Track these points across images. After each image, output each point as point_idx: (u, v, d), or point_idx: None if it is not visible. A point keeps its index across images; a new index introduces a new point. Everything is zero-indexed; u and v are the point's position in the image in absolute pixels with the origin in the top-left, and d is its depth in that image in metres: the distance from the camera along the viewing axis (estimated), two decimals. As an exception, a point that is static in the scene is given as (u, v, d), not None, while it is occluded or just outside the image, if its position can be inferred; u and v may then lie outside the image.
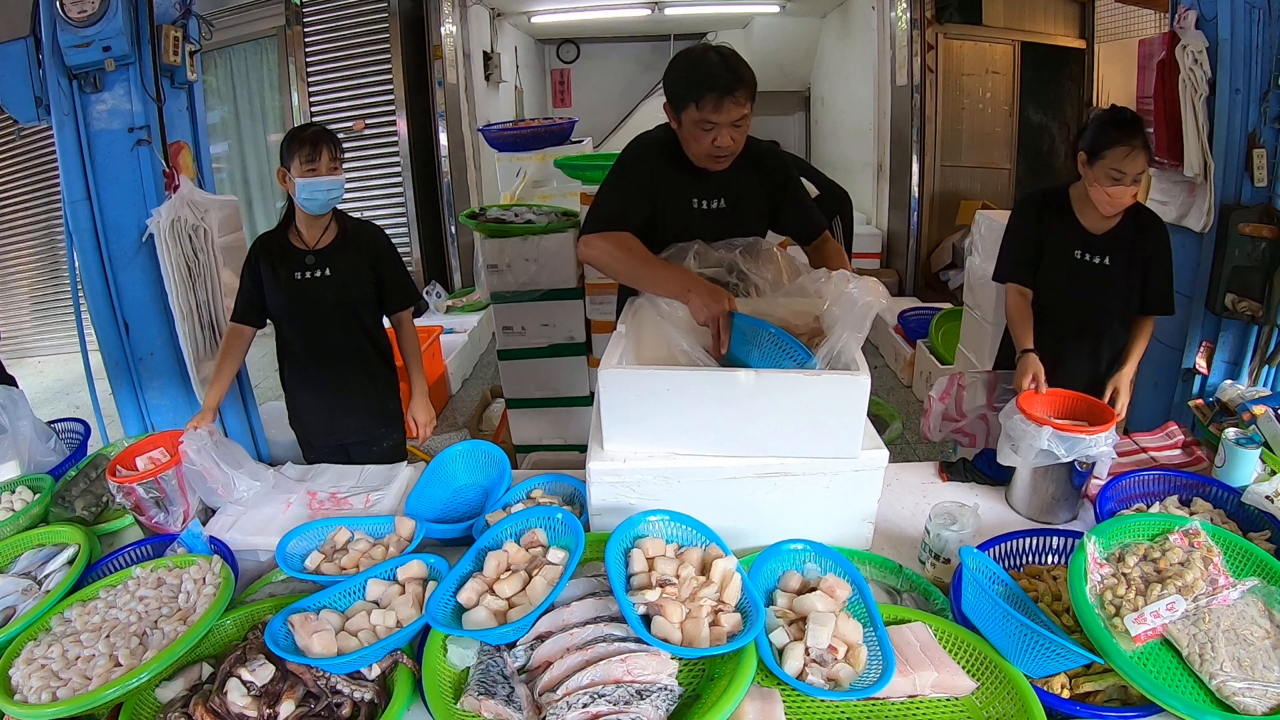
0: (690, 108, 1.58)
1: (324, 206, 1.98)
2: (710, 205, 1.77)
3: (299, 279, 2.01)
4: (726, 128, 1.59)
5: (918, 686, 1.08)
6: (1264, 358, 2.14)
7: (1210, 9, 2.09)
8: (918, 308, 4.79)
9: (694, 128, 1.60)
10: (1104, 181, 1.81)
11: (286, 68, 5.29)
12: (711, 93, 1.54)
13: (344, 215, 2.09)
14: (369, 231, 2.11)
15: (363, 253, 2.06)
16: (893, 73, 5.45)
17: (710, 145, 1.61)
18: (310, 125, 2.01)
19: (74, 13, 2.14)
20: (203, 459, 1.58)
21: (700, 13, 7.25)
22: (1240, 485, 1.49)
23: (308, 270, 2.01)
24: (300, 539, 1.49)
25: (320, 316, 2.05)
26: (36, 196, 5.52)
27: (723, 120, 1.57)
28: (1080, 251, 1.97)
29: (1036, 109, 5.58)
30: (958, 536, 1.32)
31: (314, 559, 1.42)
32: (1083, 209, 1.98)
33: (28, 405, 1.90)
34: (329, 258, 2.03)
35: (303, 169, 1.92)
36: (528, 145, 4.07)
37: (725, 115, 1.57)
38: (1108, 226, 1.97)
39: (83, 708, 1.07)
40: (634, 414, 1.36)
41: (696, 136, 1.61)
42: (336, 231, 2.05)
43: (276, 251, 2.02)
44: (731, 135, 1.60)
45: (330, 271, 2.02)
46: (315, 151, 1.92)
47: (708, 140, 1.60)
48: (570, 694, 1.02)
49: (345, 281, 2.03)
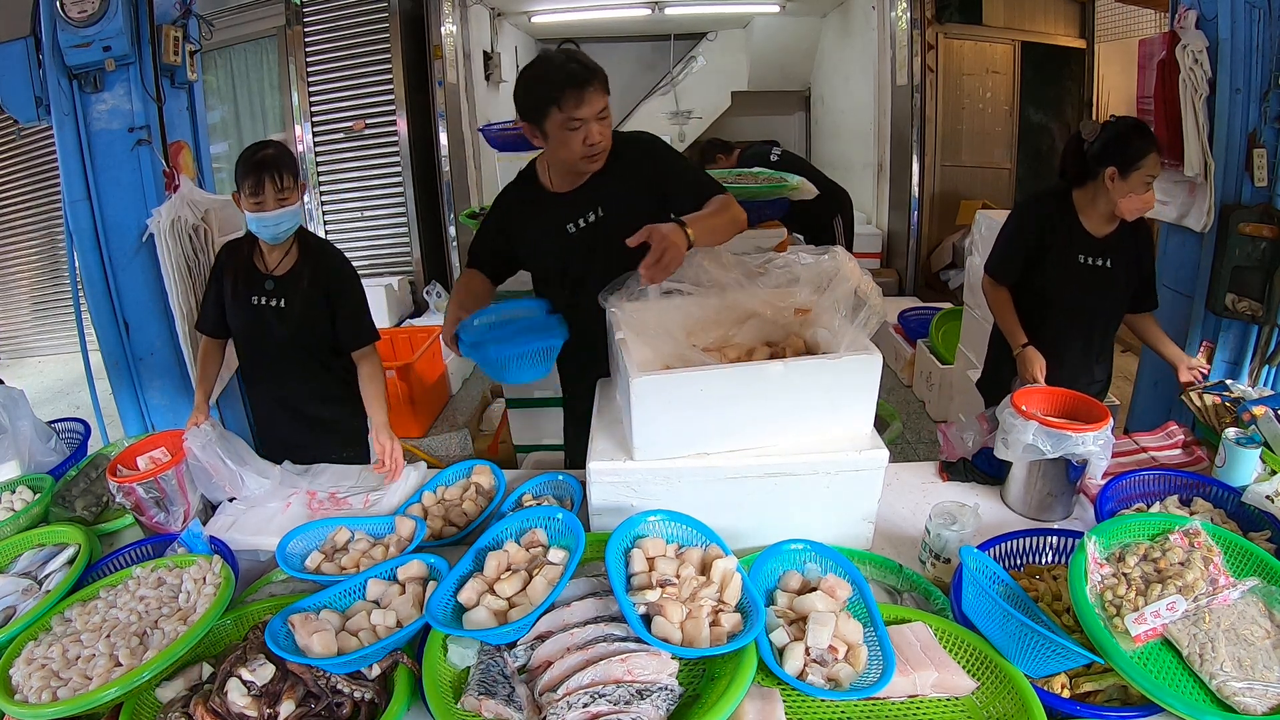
0: (553, 111, 1.56)
1: (276, 238, 1.87)
2: (585, 222, 1.75)
3: (255, 304, 1.92)
4: (593, 121, 1.58)
5: (918, 686, 1.08)
6: (1264, 358, 2.14)
7: (1210, 9, 2.09)
8: (918, 308, 4.78)
9: (561, 131, 1.59)
10: (1139, 189, 1.85)
11: (286, 68, 5.29)
12: (570, 88, 1.53)
13: (307, 240, 1.97)
14: (329, 262, 1.97)
15: (318, 285, 1.92)
16: (893, 73, 5.45)
17: (582, 145, 1.60)
18: (261, 148, 1.83)
19: (74, 13, 2.14)
20: (208, 455, 1.58)
21: (700, 13, 7.25)
22: (1240, 485, 1.49)
23: (264, 297, 1.92)
24: (300, 539, 1.49)
25: (274, 348, 1.96)
26: (36, 196, 5.52)
27: (587, 114, 1.56)
28: (1084, 256, 1.99)
29: (1036, 109, 5.58)
30: (958, 536, 1.32)
31: (314, 559, 1.42)
32: (1087, 213, 1.99)
33: (28, 405, 1.90)
34: (285, 288, 1.92)
35: (248, 201, 1.80)
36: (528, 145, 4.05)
37: (589, 108, 1.56)
38: (1109, 229, 1.99)
39: (83, 708, 1.07)
40: (667, 419, 1.35)
41: (565, 140, 1.60)
42: (297, 258, 1.93)
43: (240, 266, 1.94)
44: (599, 129, 1.59)
45: (285, 304, 1.91)
46: (258, 185, 1.77)
47: (578, 140, 1.59)
48: (570, 694, 1.02)
49: (299, 315, 1.92)
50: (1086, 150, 1.94)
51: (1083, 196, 1.99)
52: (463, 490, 1.68)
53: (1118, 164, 1.86)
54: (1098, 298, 2.02)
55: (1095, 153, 1.91)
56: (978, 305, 3.37)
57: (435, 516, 1.56)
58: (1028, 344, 1.98)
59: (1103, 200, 1.94)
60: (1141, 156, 1.83)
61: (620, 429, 1.47)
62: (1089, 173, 1.94)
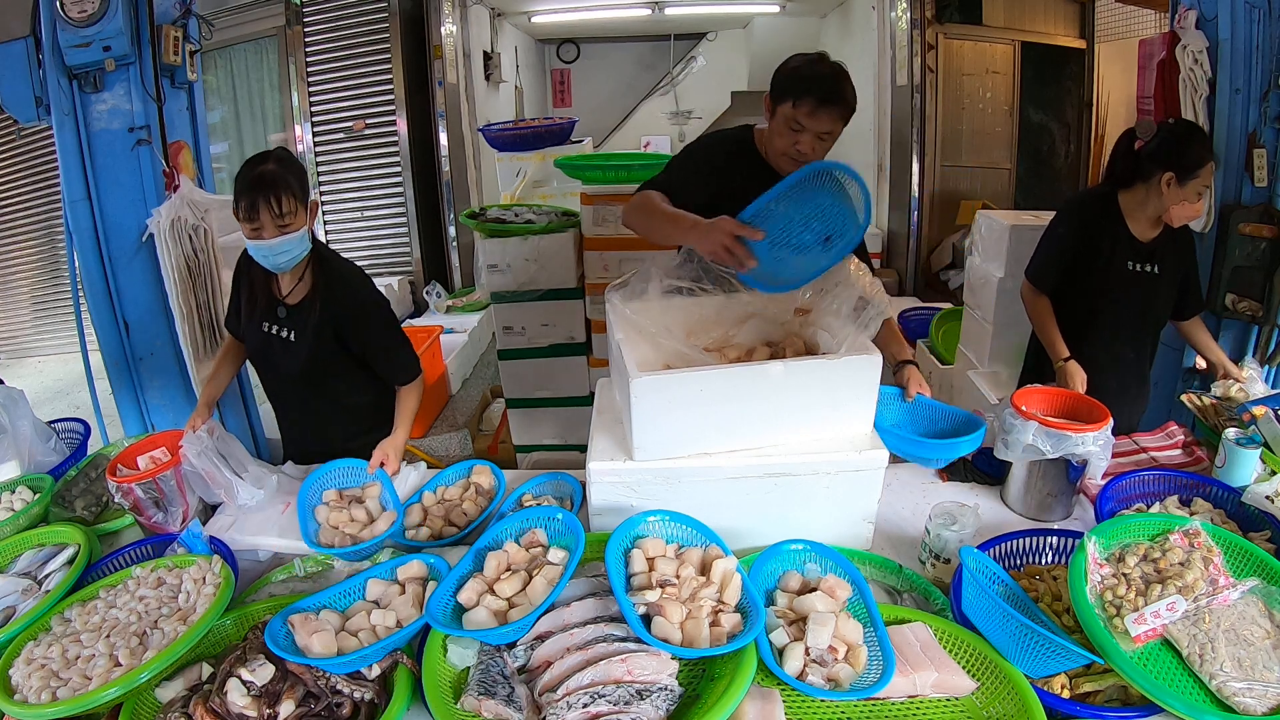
0: (787, 103, 1.62)
1: (279, 269, 1.66)
2: None
3: (265, 332, 1.75)
4: (812, 135, 1.61)
5: (918, 687, 1.08)
6: (1264, 357, 2.14)
7: (1210, 9, 2.10)
8: (918, 308, 4.77)
9: (783, 124, 1.64)
10: (1192, 198, 1.80)
11: (286, 68, 5.29)
12: (811, 97, 1.58)
13: (324, 265, 1.73)
14: (344, 292, 1.72)
15: (329, 320, 1.71)
16: (893, 73, 5.44)
17: (791, 146, 1.64)
18: (260, 162, 1.58)
19: (74, 13, 2.14)
20: (203, 463, 1.57)
21: (700, 13, 7.24)
22: (1240, 485, 1.49)
23: (275, 325, 1.74)
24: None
25: (287, 376, 1.82)
26: (36, 196, 5.52)
27: (812, 127, 1.60)
28: (1133, 262, 1.93)
29: (1037, 109, 5.57)
30: (958, 536, 1.32)
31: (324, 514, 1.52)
32: (1134, 217, 1.92)
33: (28, 405, 1.90)
34: (295, 319, 1.72)
35: (245, 227, 1.58)
36: (528, 145, 4.06)
37: (816, 124, 1.60)
38: (1154, 234, 1.93)
39: (83, 708, 1.07)
40: (666, 419, 1.35)
41: (782, 132, 1.65)
42: (310, 286, 1.71)
43: (258, 282, 1.75)
44: (814, 144, 1.63)
45: (294, 337, 1.72)
46: (253, 210, 1.54)
47: (790, 140, 1.64)
48: (570, 694, 1.02)
49: (308, 351, 1.73)
50: (1140, 151, 1.87)
51: (1130, 199, 1.92)
52: (463, 490, 1.68)
53: (1176, 170, 1.79)
54: (1147, 303, 1.96)
55: (1150, 154, 1.84)
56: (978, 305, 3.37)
57: (435, 516, 1.57)
58: (1069, 358, 1.90)
59: (1153, 204, 1.86)
60: (1200, 165, 1.77)
61: (620, 429, 1.47)
62: (1140, 174, 1.87)
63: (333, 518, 1.52)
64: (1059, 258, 1.99)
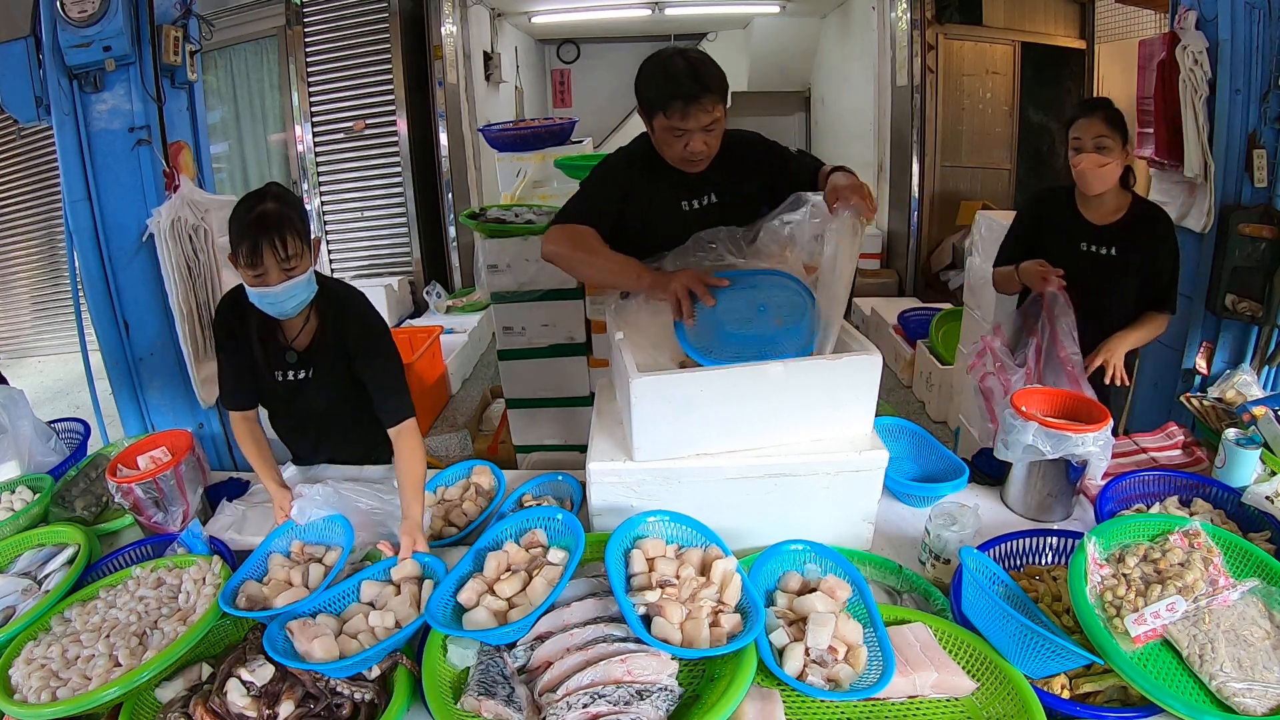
0: (659, 115, 1.56)
1: (285, 315, 1.53)
2: (700, 203, 1.74)
3: (282, 380, 1.64)
4: (698, 133, 1.56)
5: (918, 687, 1.08)
6: (1264, 358, 2.14)
7: (1210, 9, 2.09)
8: (918, 308, 4.78)
9: (665, 134, 1.59)
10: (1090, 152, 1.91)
11: (286, 68, 5.29)
12: (677, 100, 1.52)
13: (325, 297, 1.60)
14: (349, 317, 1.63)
15: (342, 350, 1.62)
16: (893, 73, 5.44)
17: (683, 150, 1.60)
18: (258, 201, 1.44)
19: (74, 12, 2.14)
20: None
21: (700, 13, 7.24)
22: (1240, 486, 1.49)
23: (290, 370, 1.64)
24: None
25: (315, 417, 1.73)
26: (36, 196, 5.52)
27: (692, 127, 1.55)
28: (1086, 243, 2.03)
29: (1036, 109, 5.57)
30: (958, 537, 1.32)
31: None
32: (1087, 205, 2.03)
33: (28, 405, 1.90)
34: (311, 358, 1.63)
35: (246, 274, 1.44)
36: (528, 145, 4.06)
37: (694, 122, 1.54)
38: (1112, 220, 2.01)
39: (83, 708, 1.07)
40: (666, 420, 1.35)
41: (669, 142, 1.60)
42: (317, 325, 1.62)
43: (263, 335, 1.61)
44: (704, 140, 1.58)
45: (314, 374, 1.64)
46: (255, 254, 1.40)
47: (680, 145, 1.59)
48: (570, 694, 1.02)
49: (334, 383, 1.65)
50: None
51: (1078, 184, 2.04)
52: (463, 490, 1.68)
53: (1066, 131, 1.98)
54: (1106, 286, 2.01)
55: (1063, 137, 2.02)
56: (978, 305, 3.37)
57: (435, 517, 1.56)
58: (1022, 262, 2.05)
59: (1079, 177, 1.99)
60: (1072, 121, 1.96)
61: (620, 429, 1.47)
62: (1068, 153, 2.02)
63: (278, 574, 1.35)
64: (1014, 244, 2.15)
